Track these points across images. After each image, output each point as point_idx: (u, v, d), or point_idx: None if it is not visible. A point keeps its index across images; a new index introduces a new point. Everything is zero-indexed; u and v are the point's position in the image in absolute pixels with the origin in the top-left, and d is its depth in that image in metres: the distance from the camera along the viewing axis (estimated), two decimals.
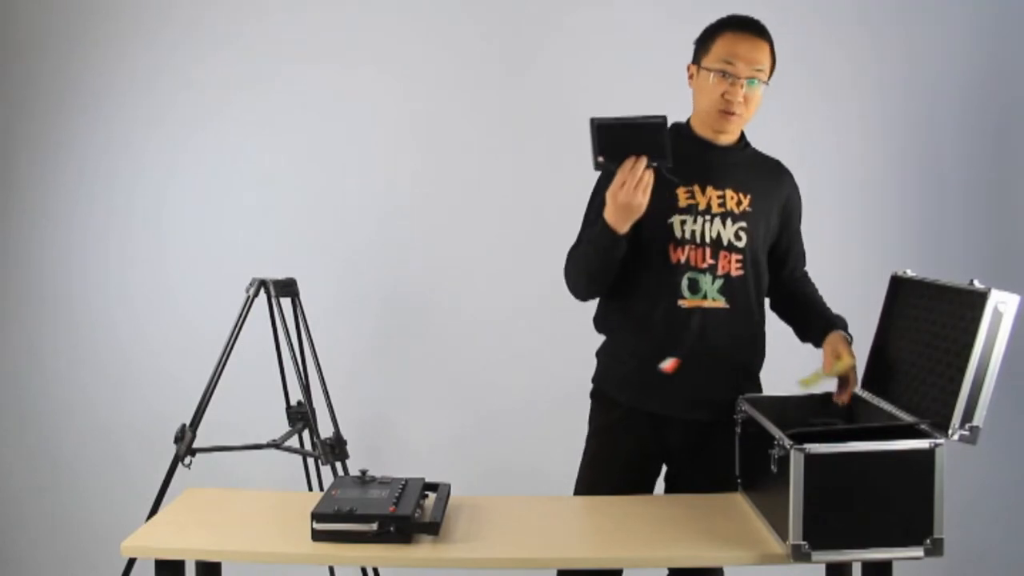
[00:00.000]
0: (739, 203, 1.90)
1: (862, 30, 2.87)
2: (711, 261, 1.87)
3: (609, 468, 1.98)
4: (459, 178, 2.93)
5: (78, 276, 2.99)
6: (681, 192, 1.88)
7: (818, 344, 1.93)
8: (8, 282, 3.01)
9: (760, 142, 2.01)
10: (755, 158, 2.00)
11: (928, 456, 1.46)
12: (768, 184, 1.96)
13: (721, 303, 1.88)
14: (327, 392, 2.49)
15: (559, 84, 2.87)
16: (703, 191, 1.89)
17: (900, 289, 1.84)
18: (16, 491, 3.02)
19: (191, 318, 2.92)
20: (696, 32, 1.92)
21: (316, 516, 1.56)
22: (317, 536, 1.55)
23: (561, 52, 2.89)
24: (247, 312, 2.42)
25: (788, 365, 1.94)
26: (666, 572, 1.94)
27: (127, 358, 2.98)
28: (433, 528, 1.57)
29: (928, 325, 1.68)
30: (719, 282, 1.88)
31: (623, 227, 1.75)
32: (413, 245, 2.95)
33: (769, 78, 1.88)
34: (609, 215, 1.75)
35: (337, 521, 1.55)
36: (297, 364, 2.43)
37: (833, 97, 2.88)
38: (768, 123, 2.07)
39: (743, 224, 1.89)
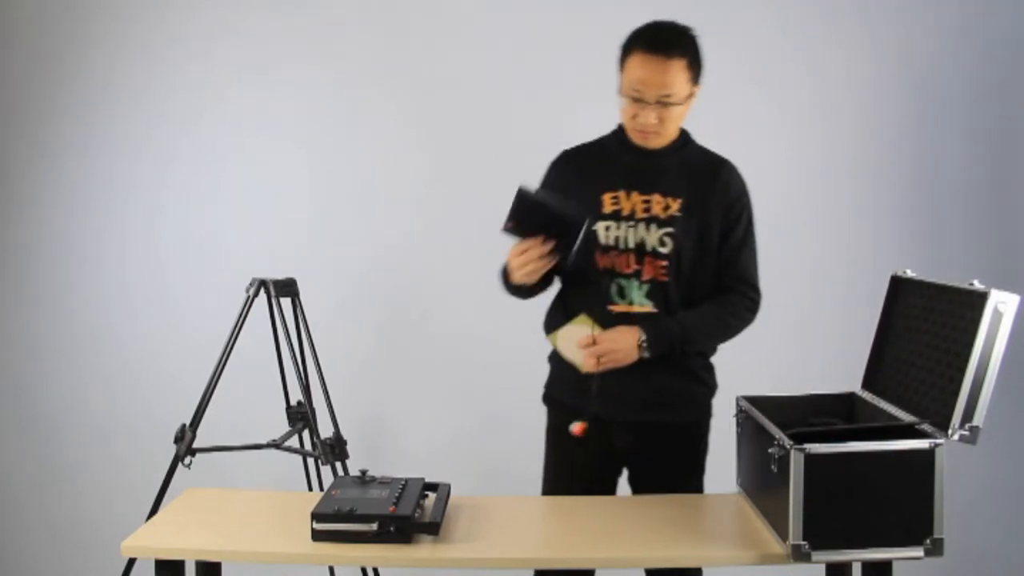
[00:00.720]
0: (666, 208, 1.87)
1: (862, 30, 2.87)
2: (636, 267, 1.87)
3: (564, 471, 2.01)
4: (459, 178, 2.92)
5: (77, 276, 2.98)
6: (607, 198, 1.88)
7: None
8: (8, 282, 3.01)
9: (759, 142, 2.00)
10: (693, 158, 1.93)
11: (928, 456, 1.47)
12: (703, 187, 1.89)
13: (649, 308, 1.88)
14: (327, 392, 2.49)
15: (560, 84, 2.86)
16: (628, 196, 1.88)
17: (900, 289, 1.84)
18: (16, 491, 3.02)
19: (191, 318, 2.92)
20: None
21: (316, 516, 1.56)
22: (317, 536, 1.55)
23: (561, 52, 2.88)
24: (247, 312, 2.42)
25: (782, 365, 1.94)
26: (643, 573, 1.94)
27: (126, 358, 2.98)
28: (433, 528, 1.57)
29: (928, 325, 1.68)
30: (646, 287, 1.87)
31: (517, 282, 1.83)
32: (413, 245, 2.95)
33: (697, 81, 1.84)
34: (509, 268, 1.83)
35: (337, 521, 1.55)
36: (297, 364, 2.43)
37: (832, 97, 2.87)
38: (768, 123, 2.08)
39: (669, 229, 1.86)
